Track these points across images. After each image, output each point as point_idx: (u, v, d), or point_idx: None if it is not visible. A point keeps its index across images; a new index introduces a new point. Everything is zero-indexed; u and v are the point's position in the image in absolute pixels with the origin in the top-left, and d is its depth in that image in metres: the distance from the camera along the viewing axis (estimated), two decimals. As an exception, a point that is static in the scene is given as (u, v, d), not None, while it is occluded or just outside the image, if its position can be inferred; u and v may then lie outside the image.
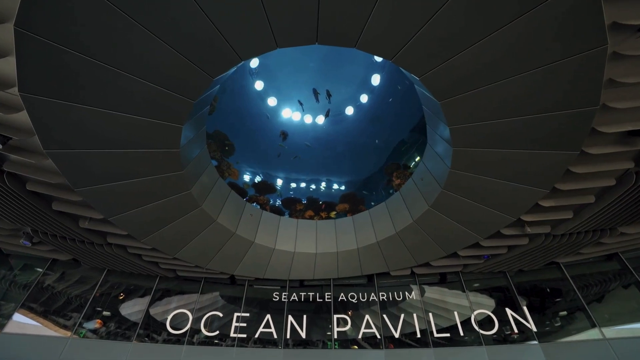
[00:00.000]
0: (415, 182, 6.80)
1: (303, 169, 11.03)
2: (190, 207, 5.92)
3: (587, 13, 3.16)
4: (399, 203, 7.14)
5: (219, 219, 6.47)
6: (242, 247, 7.03)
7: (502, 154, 4.82)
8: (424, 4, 3.34)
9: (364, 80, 9.86)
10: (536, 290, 7.34)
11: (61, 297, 7.22)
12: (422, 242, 6.81)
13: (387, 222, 7.22)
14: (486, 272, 7.64)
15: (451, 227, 6.31)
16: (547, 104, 4.00)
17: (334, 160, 11.11)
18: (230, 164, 7.48)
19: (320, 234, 7.82)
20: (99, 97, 3.88)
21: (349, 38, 3.87)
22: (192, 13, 3.35)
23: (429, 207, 6.19)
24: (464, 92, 4.21)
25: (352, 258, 7.50)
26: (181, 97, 4.28)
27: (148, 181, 5.16)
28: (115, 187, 5.00)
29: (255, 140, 9.79)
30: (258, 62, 9.25)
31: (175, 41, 3.61)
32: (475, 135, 4.72)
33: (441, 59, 3.90)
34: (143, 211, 5.53)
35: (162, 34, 3.49)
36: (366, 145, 10.70)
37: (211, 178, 6.50)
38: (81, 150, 4.36)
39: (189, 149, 5.39)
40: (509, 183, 5.22)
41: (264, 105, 10.22)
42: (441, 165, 5.75)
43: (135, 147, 4.63)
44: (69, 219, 5.51)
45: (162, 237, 6.08)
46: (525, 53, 3.56)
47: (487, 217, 5.88)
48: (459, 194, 5.71)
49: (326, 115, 8.48)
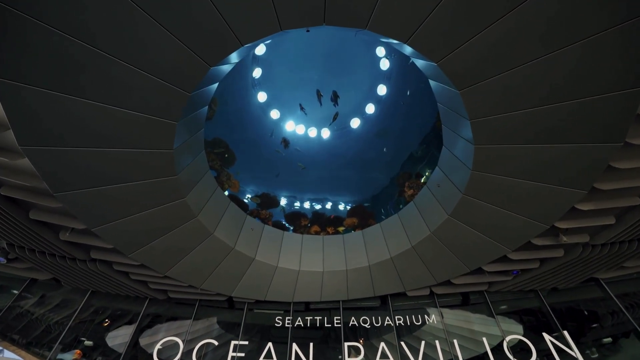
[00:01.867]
0: (430, 189, 6.23)
1: (307, 185, 10.55)
2: (184, 218, 5.35)
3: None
4: (414, 214, 6.52)
5: (217, 232, 5.87)
6: (242, 265, 6.35)
7: (531, 150, 4.30)
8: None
9: (370, 90, 9.64)
10: (573, 312, 6.47)
11: (39, 323, 6.46)
12: (442, 256, 6.11)
13: (401, 235, 6.56)
14: (515, 292, 6.80)
15: (474, 238, 5.64)
16: (586, 87, 3.54)
17: (340, 176, 10.64)
18: (231, 175, 7.00)
19: (328, 251, 7.13)
20: (86, 86, 3.49)
21: (359, 18, 3.52)
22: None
23: (448, 215, 5.58)
24: (487, 78, 3.78)
25: (364, 277, 6.75)
26: (176, 89, 3.89)
27: (138, 186, 4.65)
28: (101, 192, 4.48)
29: (257, 155, 9.42)
30: (260, 73, 9.08)
31: (170, 23, 3.27)
32: (500, 129, 4.23)
33: (461, 40, 3.51)
34: (131, 221, 4.96)
35: (155, 15, 3.15)
36: (373, 159, 10.27)
37: (209, 187, 5.99)
38: (63, 148, 3.91)
39: (184, 151, 4.94)
40: (539, 184, 4.64)
41: (266, 118, 9.96)
42: (461, 168, 5.22)
43: (124, 145, 4.18)
44: (48, 230, 4.95)
45: (152, 251, 5.46)
46: (562, 25, 3.15)
47: (516, 225, 5.23)
48: (482, 199, 5.13)
49: (334, 119, 8.08)
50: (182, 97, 4.01)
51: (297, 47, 8.99)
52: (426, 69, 4.59)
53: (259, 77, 9.26)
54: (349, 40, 8.76)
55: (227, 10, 3.28)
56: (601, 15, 2.99)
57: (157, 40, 3.38)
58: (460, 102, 4.22)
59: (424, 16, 3.39)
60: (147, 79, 3.65)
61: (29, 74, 3.22)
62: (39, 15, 2.89)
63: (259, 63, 9.01)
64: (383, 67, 9.09)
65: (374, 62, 9.09)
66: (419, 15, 3.40)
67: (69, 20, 2.98)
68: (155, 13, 3.16)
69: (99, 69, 3.40)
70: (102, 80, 3.51)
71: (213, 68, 3.92)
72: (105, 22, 3.10)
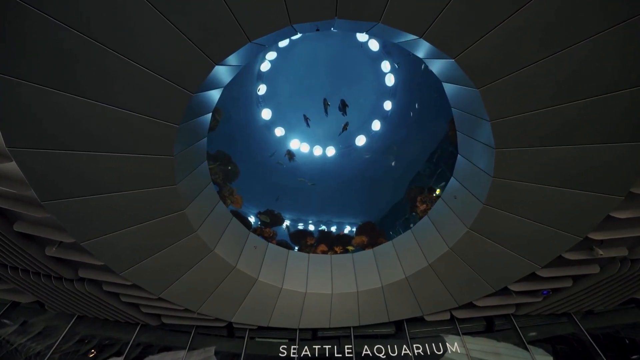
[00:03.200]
0: (446, 202, 5.83)
1: (312, 205, 10.16)
2: (183, 232, 4.95)
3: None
4: (429, 229, 6.06)
5: (217, 250, 5.42)
6: (243, 286, 5.81)
7: (560, 152, 3.97)
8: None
9: (375, 106, 9.54)
10: (612, 339, 5.77)
11: (18, 355, 5.82)
12: (462, 275, 5.57)
13: (415, 252, 6.06)
14: (546, 315, 6.14)
15: (498, 254, 5.15)
16: (615, 78, 3.28)
17: (347, 194, 10.28)
18: (234, 190, 6.66)
19: (337, 271, 6.59)
20: (82, 82, 3.26)
21: (373, 10, 3.35)
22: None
23: (467, 229, 5.15)
24: (509, 73, 3.55)
25: (376, 299, 6.16)
26: (178, 88, 3.67)
27: (134, 195, 4.31)
28: (93, 202, 4.13)
29: (260, 173, 9.15)
30: (265, 90, 9.04)
31: (173, 15, 3.11)
32: (524, 129, 3.94)
33: (479, 32, 3.32)
34: (125, 235, 4.56)
35: (158, 5, 3.00)
36: (381, 176, 9.96)
37: (210, 200, 5.63)
38: (54, 151, 3.61)
39: (185, 160, 4.64)
40: (569, 190, 4.26)
41: (270, 135, 9.80)
42: (480, 176, 4.87)
43: (121, 150, 3.89)
44: (33, 245, 4.53)
45: (146, 270, 4.98)
46: (591, 11, 2.95)
47: (544, 238, 4.77)
48: (504, 209, 4.72)
49: (344, 128, 7.85)
50: (185, 97, 3.79)
51: (301, 65, 9.04)
52: (442, 70, 4.40)
53: (263, 93, 9.25)
54: (354, 56, 8.82)
55: (235, 1, 3.13)
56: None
57: (160, 34, 3.21)
58: (479, 102, 3.97)
59: (440, 8, 3.23)
60: (147, 76, 3.44)
61: (21, 67, 3.00)
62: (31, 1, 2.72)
63: (263, 80, 9.03)
64: (388, 83, 9.07)
65: (379, 78, 9.09)
66: (435, 7, 3.23)
67: (63, 6, 2.81)
68: (158, 4, 3.00)
69: (96, 63, 3.19)
70: (99, 76, 3.29)
71: (218, 67, 3.73)
72: (104, 12, 2.93)
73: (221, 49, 3.51)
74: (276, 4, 3.22)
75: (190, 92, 3.77)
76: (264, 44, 4.06)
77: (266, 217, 7.77)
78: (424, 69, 7.50)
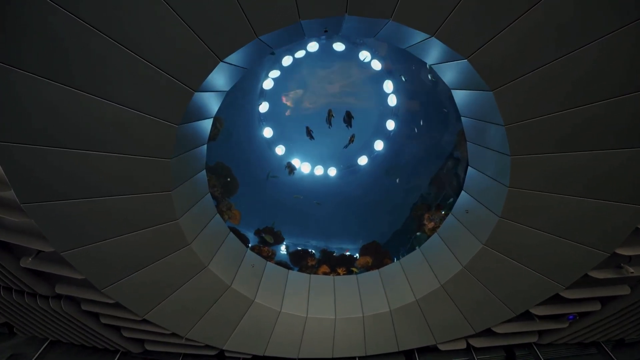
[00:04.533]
0: (457, 217, 5.51)
1: (313, 226, 9.76)
2: (174, 245, 4.55)
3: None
4: (439, 247, 5.68)
5: (211, 266, 4.98)
6: (238, 308, 5.27)
7: (580, 158, 3.76)
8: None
9: (378, 126, 9.50)
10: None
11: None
12: (479, 297, 5.10)
13: (426, 273, 5.62)
14: (573, 345, 5.56)
15: (516, 272, 4.74)
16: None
17: (349, 215, 9.92)
18: (232, 205, 6.33)
19: (340, 294, 6.07)
20: (76, 73, 3.08)
21: (383, 7, 3.28)
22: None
23: (482, 245, 4.79)
24: (524, 73, 3.42)
25: (384, 325, 5.59)
26: (180, 84, 3.50)
27: (124, 200, 3.98)
28: (78, 206, 3.78)
29: (260, 191, 8.85)
30: (267, 108, 9.01)
31: (178, 6, 3.01)
32: (542, 133, 3.76)
33: (493, 30, 3.23)
34: (111, 245, 4.15)
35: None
36: (384, 197, 9.67)
37: (207, 212, 5.28)
38: (41, 147, 3.34)
39: (182, 166, 4.38)
40: (592, 200, 3.99)
41: (271, 153, 9.64)
42: (494, 188, 4.61)
43: (114, 149, 3.64)
44: (7, 254, 4.09)
45: (131, 286, 4.50)
46: (609, 8, 2.88)
47: (566, 253, 4.41)
48: (522, 222, 4.41)
49: (350, 141, 7.65)
50: (186, 94, 3.61)
51: (303, 84, 9.11)
52: (452, 75, 4.29)
53: (265, 111, 9.22)
54: (356, 76, 8.92)
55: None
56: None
57: (164, 26, 3.09)
58: (492, 106, 3.82)
59: (453, 4, 3.16)
60: (148, 69, 3.27)
61: (11, 52, 2.82)
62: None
63: (266, 97, 9.04)
64: (391, 103, 9.10)
65: (382, 98, 9.13)
66: (448, 4, 3.17)
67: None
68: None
69: (92, 53, 3.03)
70: (95, 68, 3.12)
71: (222, 65, 3.59)
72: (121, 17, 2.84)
73: (227, 44, 3.38)
74: (285, 1, 3.15)
75: (192, 90, 3.59)
76: (270, 46, 3.97)
77: (270, 237, 7.33)
78: (429, 87, 7.54)
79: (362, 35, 4.26)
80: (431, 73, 6.86)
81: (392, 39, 4.18)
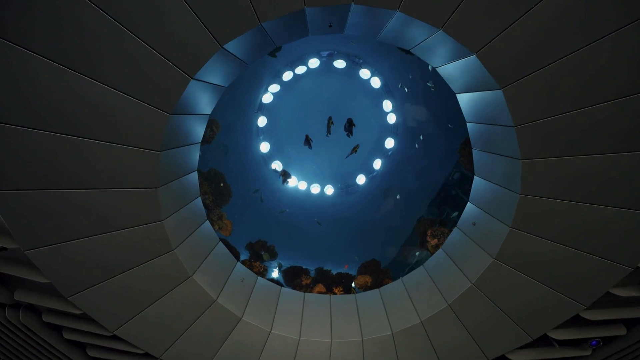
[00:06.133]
0: (463, 231, 5.19)
1: (308, 244, 9.28)
2: (157, 250, 4.12)
3: None
4: (445, 263, 5.29)
5: (196, 276, 4.51)
6: (223, 326, 4.71)
7: (596, 160, 3.57)
8: None
9: (377, 145, 9.39)
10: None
11: None
12: (490, 318, 4.63)
13: (431, 292, 5.17)
14: (596, 376, 5.00)
15: (531, 290, 4.35)
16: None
17: (347, 235, 9.50)
18: (223, 214, 5.93)
19: (337, 314, 5.52)
20: (69, 50, 2.90)
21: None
22: None
23: (493, 258, 4.44)
24: (536, 69, 3.32)
25: (386, 350, 5.02)
26: (176, 69, 3.33)
27: (106, 194, 3.63)
28: (54, 197, 3.42)
29: (253, 206, 8.48)
30: (266, 122, 8.89)
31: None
32: (554, 134, 3.59)
33: (504, 23, 3.16)
34: (84, 245, 3.72)
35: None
36: (384, 216, 9.34)
37: (195, 216, 4.90)
38: (16, 127, 3.05)
39: (172, 162, 4.09)
40: (610, 208, 3.74)
41: (267, 169, 9.39)
42: (503, 196, 4.37)
43: (99, 135, 3.36)
44: (-38, 253, 3.62)
45: (102, 295, 3.98)
46: None
47: (585, 268, 4.06)
48: (536, 232, 4.12)
49: (353, 150, 7.40)
50: (182, 81, 3.42)
51: (303, 100, 9.10)
52: (459, 76, 4.19)
53: (263, 126, 9.11)
54: (355, 94, 8.96)
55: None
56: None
57: (162, 5, 2.97)
58: (502, 106, 3.68)
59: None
60: (145, 51, 3.11)
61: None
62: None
63: (264, 112, 8.96)
64: (390, 121, 9.08)
65: (381, 116, 9.12)
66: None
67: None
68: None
69: (86, 30, 2.86)
70: (87, 46, 2.94)
71: (221, 52, 3.44)
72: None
73: (229, 30, 3.26)
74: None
75: (189, 76, 3.41)
76: (273, 39, 3.88)
77: (267, 255, 6.83)
78: (430, 101, 7.54)
79: (366, 33, 4.18)
80: (432, 80, 6.83)
81: (398, 39, 4.14)
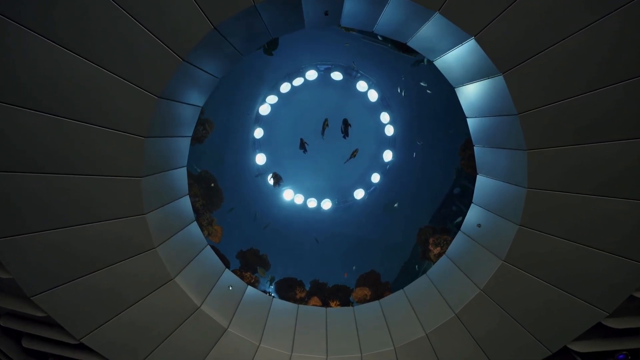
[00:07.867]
0: (467, 234, 4.88)
1: (303, 258, 8.84)
2: (136, 246, 3.78)
3: None
4: (450, 270, 4.93)
5: (179, 279, 4.13)
6: (207, 337, 4.23)
7: (608, 148, 3.37)
8: None
9: (375, 158, 9.25)
10: None
11: None
12: (502, 328, 4.20)
13: (436, 301, 4.76)
14: (625, 398, 4.43)
15: (545, 294, 3.97)
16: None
17: (344, 250, 9.08)
18: (213, 220, 5.61)
19: (334, 328, 5.03)
20: (59, 25, 2.79)
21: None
22: None
23: (502, 261, 4.11)
24: (539, 51, 3.21)
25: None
26: (167, 49, 3.22)
27: (85, 181, 3.37)
28: (29, 181, 3.15)
29: (246, 217, 8.14)
30: (262, 134, 8.78)
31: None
32: (560, 121, 3.43)
33: (505, 1, 3.10)
34: (56, 237, 3.39)
35: None
36: (383, 230, 8.98)
37: (182, 215, 4.59)
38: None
39: (158, 152, 3.88)
40: (626, 200, 3.49)
41: (263, 182, 9.16)
42: (509, 193, 4.15)
43: (82, 116, 3.17)
44: None
45: (70, 296, 3.56)
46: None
47: (604, 268, 3.72)
48: (547, 230, 3.84)
49: (352, 155, 7.17)
50: (174, 63, 3.30)
51: (300, 114, 9.08)
52: (457, 65, 4.09)
53: (260, 137, 9.00)
54: (353, 107, 8.96)
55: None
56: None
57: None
58: (504, 93, 3.56)
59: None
60: (132, 27, 3.01)
61: None
62: None
63: (261, 123, 8.89)
64: (388, 133, 9.02)
65: (379, 129, 9.07)
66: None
67: None
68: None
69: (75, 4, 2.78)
70: (76, 22, 2.84)
71: (213, 33, 3.35)
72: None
73: (221, 9, 3.19)
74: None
75: (181, 58, 3.29)
76: (266, 23, 3.78)
77: (263, 270, 6.37)
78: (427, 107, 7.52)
79: (362, 24, 4.15)
80: (429, 86, 6.85)
81: (394, 31, 4.11)
